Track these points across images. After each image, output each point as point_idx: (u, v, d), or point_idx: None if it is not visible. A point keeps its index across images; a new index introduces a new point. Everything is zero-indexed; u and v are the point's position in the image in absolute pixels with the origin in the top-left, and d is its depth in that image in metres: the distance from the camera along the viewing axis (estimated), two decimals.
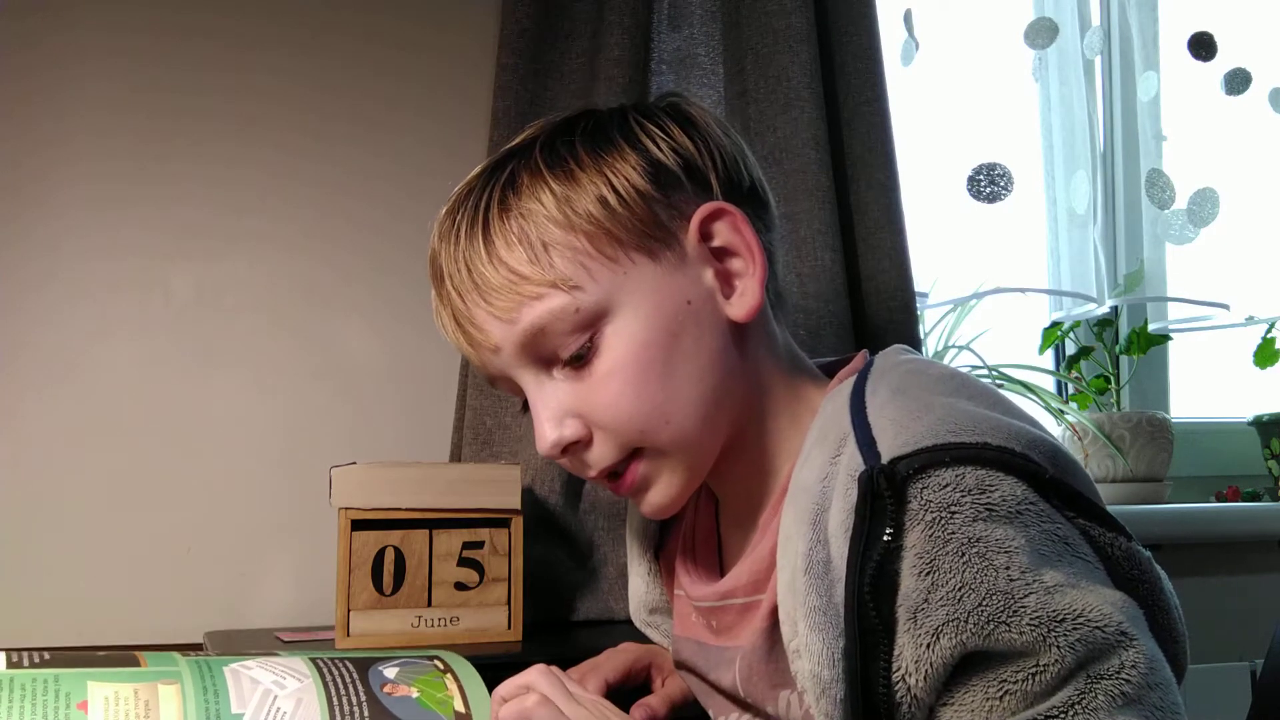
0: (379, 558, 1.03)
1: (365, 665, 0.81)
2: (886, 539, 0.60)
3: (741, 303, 0.77)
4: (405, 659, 0.83)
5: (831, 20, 1.31)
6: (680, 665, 0.89)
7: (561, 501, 1.20)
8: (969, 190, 1.48)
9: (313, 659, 0.80)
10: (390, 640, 1.01)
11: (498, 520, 1.07)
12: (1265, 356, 1.76)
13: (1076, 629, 0.57)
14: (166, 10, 1.27)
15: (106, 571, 1.20)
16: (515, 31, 1.27)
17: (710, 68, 1.34)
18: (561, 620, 1.20)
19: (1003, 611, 0.58)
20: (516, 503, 1.06)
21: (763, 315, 0.79)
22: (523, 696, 0.78)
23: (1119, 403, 1.74)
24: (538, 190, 0.75)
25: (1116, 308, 1.74)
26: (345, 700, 0.76)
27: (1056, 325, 1.73)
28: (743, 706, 0.80)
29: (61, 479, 1.20)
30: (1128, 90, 1.70)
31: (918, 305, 1.32)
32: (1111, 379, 1.74)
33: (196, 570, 1.23)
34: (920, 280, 1.35)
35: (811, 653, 0.63)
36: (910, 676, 0.60)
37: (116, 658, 0.76)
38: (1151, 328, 1.74)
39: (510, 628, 1.06)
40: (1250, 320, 1.71)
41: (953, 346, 1.63)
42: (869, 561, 0.60)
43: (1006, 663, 0.59)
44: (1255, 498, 1.75)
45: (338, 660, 0.81)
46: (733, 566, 0.80)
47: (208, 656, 0.78)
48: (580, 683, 0.83)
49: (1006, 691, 0.58)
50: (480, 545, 1.06)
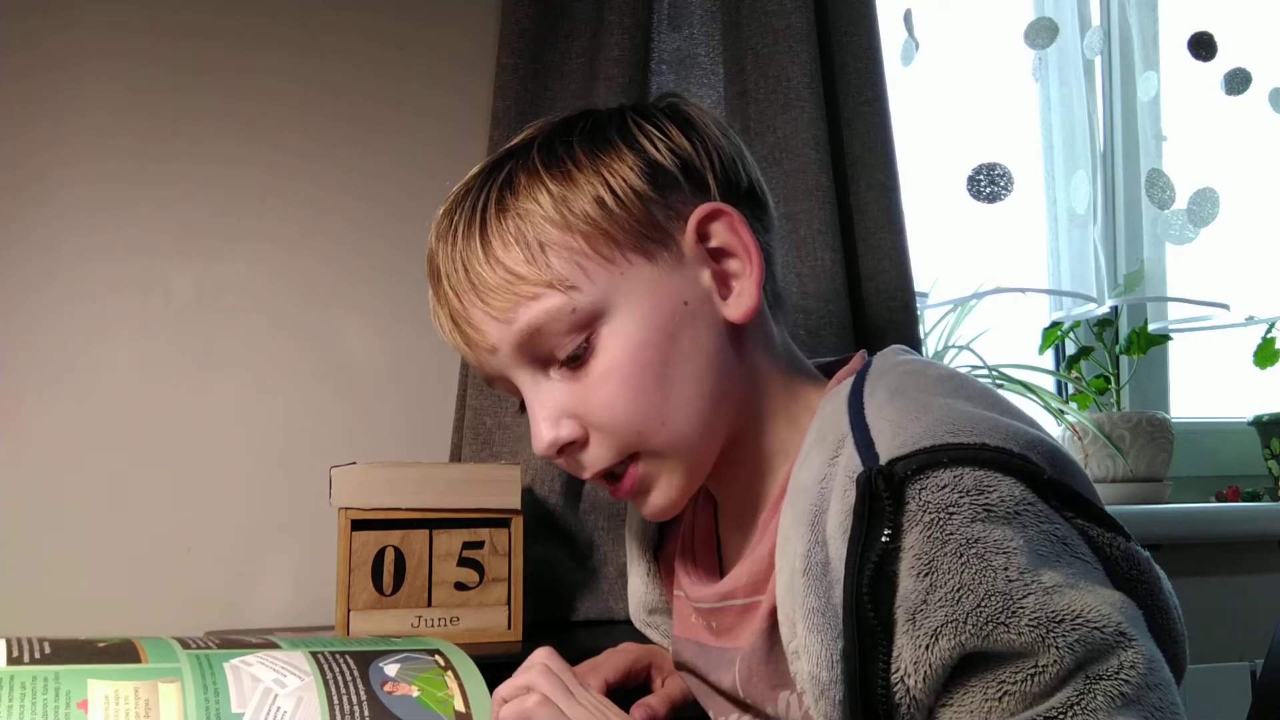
0: (379, 558, 1.03)
1: (366, 662, 0.81)
2: (885, 540, 0.60)
3: (738, 303, 0.76)
4: (406, 654, 0.83)
5: (831, 20, 1.31)
6: (680, 666, 0.89)
7: (561, 501, 1.20)
8: (969, 190, 1.48)
9: (313, 653, 0.80)
10: None
11: (498, 520, 1.07)
12: (1265, 356, 1.76)
13: (1075, 630, 0.57)
14: (166, 10, 1.27)
15: (106, 572, 1.20)
16: (515, 31, 1.27)
17: (710, 68, 1.34)
18: (561, 620, 1.20)
19: (1001, 612, 0.58)
20: (516, 503, 1.07)
21: (760, 316, 0.79)
22: (523, 697, 0.78)
23: (1119, 403, 1.74)
24: (535, 190, 0.75)
25: (1116, 308, 1.74)
26: (345, 699, 0.76)
27: (1056, 325, 1.72)
28: (742, 707, 0.80)
29: (61, 479, 1.20)
30: (1128, 90, 1.70)
31: (918, 305, 1.32)
32: (1111, 379, 1.74)
33: (196, 570, 1.23)
34: (920, 280, 1.35)
35: (810, 654, 0.63)
36: (909, 678, 0.60)
37: (116, 650, 0.76)
38: (1151, 328, 1.74)
39: (510, 628, 1.06)
40: (1250, 320, 1.71)
41: (953, 346, 1.63)
42: (867, 563, 0.60)
43: (1005, 663, 0.59)
44: (1255, 498, 1.75)
45: (338, 655, 0.81)
46: (732, 568, 0.80)
47: (208, 650, 0.78)
48: (580, 682, 0.83)
49: (1005, 692, 0.58)
50: (480, 545, 1.06)
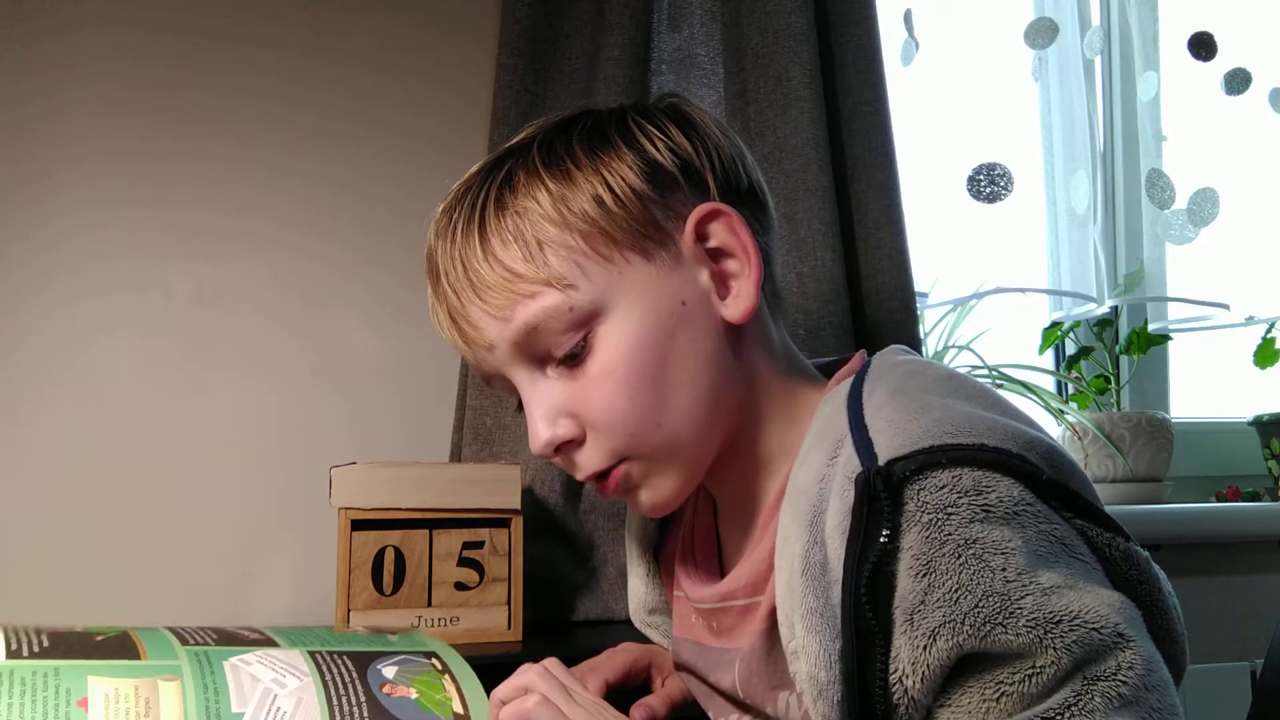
0: (379, 558, 1.03)
1: (364, 663, 0.81)
2: (883, 540, 0.60)
3: (737, 304, 0.76)
4: (403, 656, 0.83)
5: (831, 20, 1.31)
6: (680, 666, 0.89)
7: (561, 501, 1.20)
8: (969, 190, 1.48)
9: (311, 652, 0.80)
10: None
11: (498, 520, 1.07)
12: (1265, 356, 1.76)
13: (1073, 630, 0.57)
14: (166, 10, 1.27)
15: (106, 571, 1.20)
16: (515, 31, 1.27)
17: (710, 68, 1.34)
18: (561, 620, 1.20)
19: (999, 613, 0.58)
20: (516, 503, 1.07)
21: (759, 316, 0.79)
22: (522, 698, 0.78)
23: (1119, 403, 1.74)
24: (534, 189, 0.75)
25: (1116, 308, 1.74)
26: (345, 700, 0.76)
27: (1056, 325, 1.72)
28: (742, 708, 0.80)
29: (61, 479, 1.20)
30: (1128, 90, 1.70)
31: (918, 305, 1.32)
32: (1111, 379, 1.74)
33: (196, 570, 1.23)
34: (920, 280, 1.35)
35: (809, 654, 0.63)
36: (907, 678, 0.60)
37: (114, 644, 0.76)
38: (1151, 328, 1.74)
39: (510, 628, 1.06)
40: (1250, 320, 1.71)
41: (953, 346, 1.63)
42: (866, 563, 0.60)
43: (1003, 664, 0.59)
44: (1255, 498, 1.74)
45: (336, 655, 0.81)
46: (732, 568, 0.80)
47: (206, 647, 0.78)
48: (580, 683, 0.82)
49: (1003, 693, 0.58)
50: (480, 545, 1.06)
